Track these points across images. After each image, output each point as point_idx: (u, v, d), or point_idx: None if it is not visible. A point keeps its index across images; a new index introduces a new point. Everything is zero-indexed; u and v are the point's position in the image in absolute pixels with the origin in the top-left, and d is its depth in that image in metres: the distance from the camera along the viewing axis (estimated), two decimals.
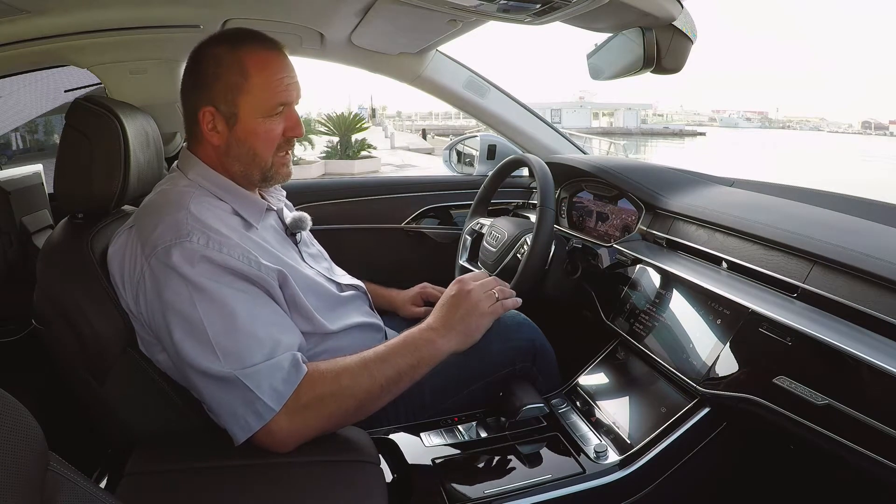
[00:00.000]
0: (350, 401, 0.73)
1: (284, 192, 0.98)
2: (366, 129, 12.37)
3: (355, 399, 0.73)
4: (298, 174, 0.98)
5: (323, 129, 11.78)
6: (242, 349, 0.70)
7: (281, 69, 0.81)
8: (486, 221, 1.30)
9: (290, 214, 0.95)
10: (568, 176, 1.41)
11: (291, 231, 0.93)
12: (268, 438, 0.70)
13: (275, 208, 0.91)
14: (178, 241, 0.71)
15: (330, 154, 11.65)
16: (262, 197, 0.90)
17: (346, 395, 0.73)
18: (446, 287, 0.92)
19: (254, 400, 0.69)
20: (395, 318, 1.21)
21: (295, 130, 0.83)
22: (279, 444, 0.71)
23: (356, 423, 0.77)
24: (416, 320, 0.96)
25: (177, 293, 0.70)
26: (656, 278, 0.98)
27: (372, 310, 1.02)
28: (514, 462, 0.84)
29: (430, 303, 1.18)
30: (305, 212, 0.98)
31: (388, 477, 0.73)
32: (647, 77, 1.14)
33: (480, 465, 0.84)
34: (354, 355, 0.77)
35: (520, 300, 0.90)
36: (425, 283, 1.22)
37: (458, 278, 0.89)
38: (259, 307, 0.74)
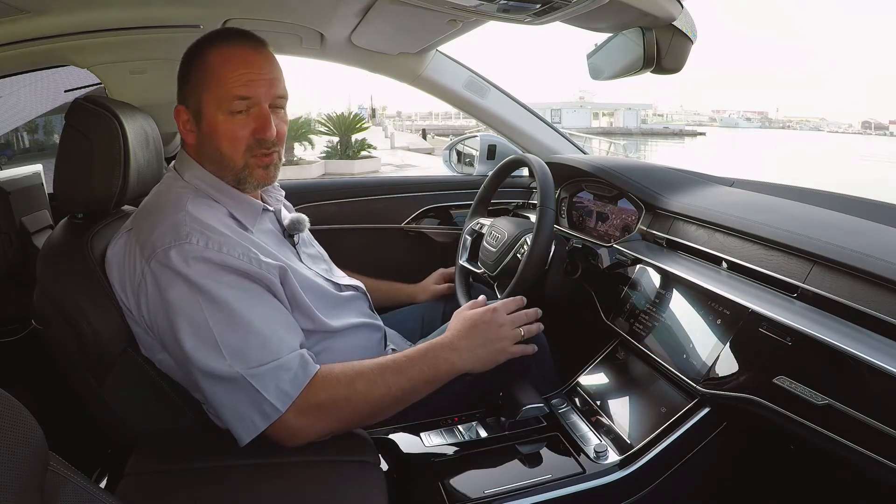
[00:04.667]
0: (363, 406, 0.74)
1: (283, 192, 0.98)
2: (366, 129, 12.38)
3: (369, 405, 0.74)
4: (298, 174, 0.97)
5: (323, 129, 11.78)
6: (248, 349, 0.70)
7: (244, 64, 0.77)
8: (486, 221, 1.30)
9: (287, 216, 0.95)
10: (568, 176, 1.41)
11: (289, 233, 0.92)
12: (277, 434, 0.70)
13: (272, 209, 0.91)
14: (177, 243, 0.71)
15: (330, 154, 11.66)
16: (262, 198, 0.90)
17: (360, 400, 0.73)
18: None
19: (260, 401, 0.68)
20: (394, 318, 1.21)
21: (262, 132, 0.78)
22: (288, 440, 0.71)
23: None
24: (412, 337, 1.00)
25: (180, 294, 0.70)
26: (656, 278, 0.98)
27: (371, 310, 1.02)
28: (514, 462, 0.84)
29: (449, 280, 1.33)
30: (305, 212, 0.98)
31: (388, 477, 0.73)
32: (647, 77, 1.14)
33: (480, 465, 0.84)
34: (371, 360, 0.77)
35: (533, 347, 0.90)
36: (440, 269, 1.36)
37: (492, 305, 0.89)
38: (263, 306, 0.74)
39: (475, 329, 0.85)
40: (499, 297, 1.13)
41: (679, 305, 0.91)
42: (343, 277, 1.02)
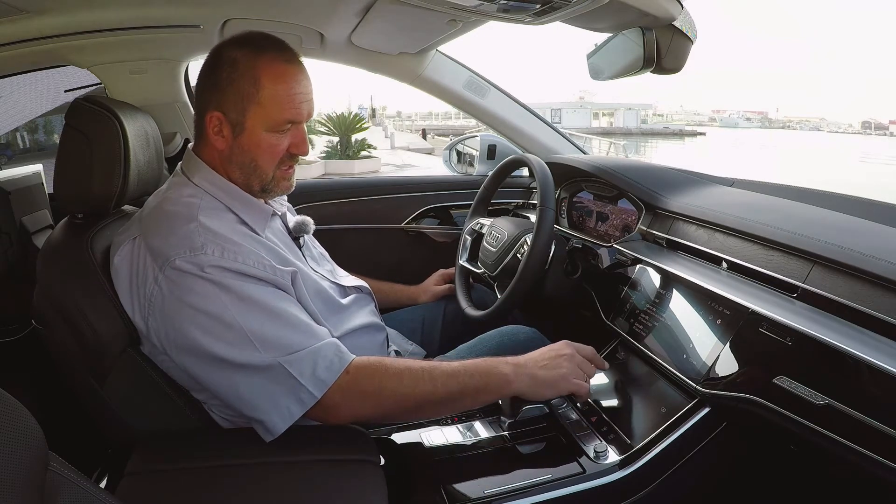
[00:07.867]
0: (407, 400, 0.74)
1: (285, 196, 0.98)
2: (366, 129, 12.36)
3: (412, 400, 0.75)
4: (298, 174, 0.97)
5: (323, 129, 11.77)
6: (282, 337, 0.70)
7: (295, 85, 0.79)
8: (486, 221, 1.30)
9: (292, 218, 0.95)
10: (568, 176, 1.41)
11: (295, 235, 0.93)
12: (318, 414, 0.72)
13: (279, 213, 0.91)
14: (192, 254, 0.71)
15: (330, 154, 11.65)
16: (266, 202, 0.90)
17: (405, 393, 0.74)
18: None
19: (297, 388, 0.69)
20: (395, 319, 1.21)
21: (300, 148, 0.82)
22: (328, 419, 0.73)
23: (362, 424, 0.78)
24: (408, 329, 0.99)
25: (203, 294, 0.70)
26: (656, 278, 0.98)
27: (376, 309, 1.02)
28: (514, 462, 0.84)
29: (449, 280, 1.34)
30: (306, 212, 0.98)
31: (388, 477, 0.73)
32: (647, 77, 1.14)
33: (480, 465, 0.84)
34: (424, 361, 0.79)
35: (588, 389, 0.86)
36: (440, 270, 1.36)
37: (569, 342, 0.88)
38: (286, 301, 0.75)
39: (548, 351, 0.85)
40: (499, 296, 1.13)
41: (679, 305, 0.91)
42: (347, 278, 1.02)
